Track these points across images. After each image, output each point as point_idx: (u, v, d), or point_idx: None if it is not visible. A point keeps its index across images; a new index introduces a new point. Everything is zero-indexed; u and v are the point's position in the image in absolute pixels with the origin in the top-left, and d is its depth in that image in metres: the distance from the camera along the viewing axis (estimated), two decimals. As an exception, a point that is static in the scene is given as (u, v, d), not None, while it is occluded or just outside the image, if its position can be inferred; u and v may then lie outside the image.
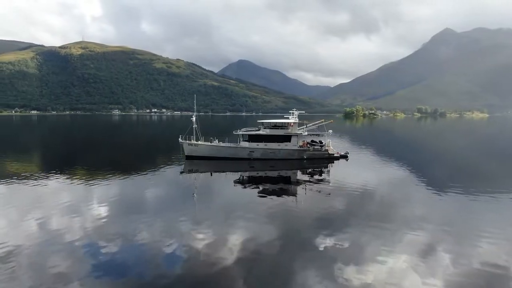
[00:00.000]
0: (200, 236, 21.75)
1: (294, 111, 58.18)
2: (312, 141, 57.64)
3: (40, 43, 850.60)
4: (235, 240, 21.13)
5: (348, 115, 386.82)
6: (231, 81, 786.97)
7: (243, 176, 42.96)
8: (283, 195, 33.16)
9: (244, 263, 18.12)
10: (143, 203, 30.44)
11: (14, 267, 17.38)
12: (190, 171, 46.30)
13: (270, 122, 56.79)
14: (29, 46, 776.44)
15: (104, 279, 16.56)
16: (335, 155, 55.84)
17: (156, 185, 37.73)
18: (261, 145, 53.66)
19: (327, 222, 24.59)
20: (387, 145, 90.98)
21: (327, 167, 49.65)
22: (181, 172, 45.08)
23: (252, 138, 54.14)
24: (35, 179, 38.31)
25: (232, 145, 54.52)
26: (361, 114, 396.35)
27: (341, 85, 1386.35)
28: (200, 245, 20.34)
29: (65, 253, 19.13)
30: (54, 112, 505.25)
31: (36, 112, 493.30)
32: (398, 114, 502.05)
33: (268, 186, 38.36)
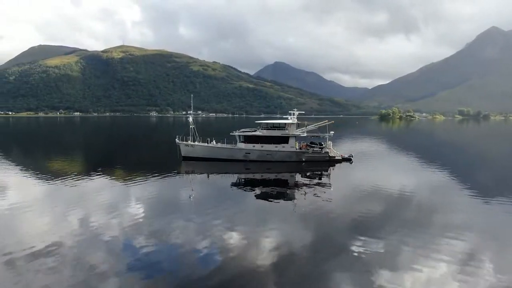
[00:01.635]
0: (233, 237, 21.73)
1: (294, 111, 55.60)
2: (311, 142, 54.83)
3: (84, 48, 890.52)
4: (265, 242, 20.95)
5: (384, 117, 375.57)
6: (266, 83, 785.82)
7: (239, 179, 41.90)
8: (280, 199, 32.21)
9: (276, 266, 17.89)
10: (178, 203, 30.83)
11: (56, 262, 18.07)
12: (187, 173, 45.86)
13: (267, 123, 54.50)
14: (74, 51, 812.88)
15: (139, 276, 16.89)
16: (336, 157, 52.58)
17: (183, 185, 38.39)
18: (258, 146, 51.59)
19: (355, 226, 23.67)
20: (414, 147, 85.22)
21: (327, 171, 47.28)
22: (177, 173, 44.46)
23: (248, 139, 52.11)
24: (78, 178, 39.72)
25: (228, 146, 52.93)
26: (397, 116, 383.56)
27: (379, 86, 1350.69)
28: (232, 246, 20.34)
29: (103, 250, 19.82)
30: (95, 114, 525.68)
31: (78, 113, 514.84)
32: (437, 116, 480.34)
33: (265, 189, 36.79)
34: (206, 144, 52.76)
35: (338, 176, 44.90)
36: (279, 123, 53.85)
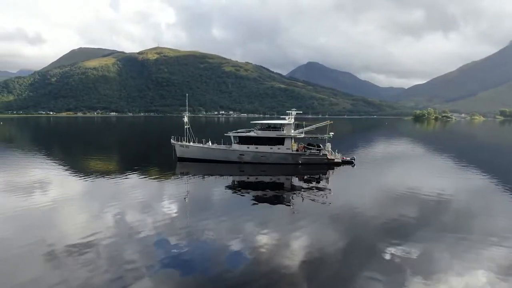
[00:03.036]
0: (264, 238, 21.75)
1: (292, 111, 52.49)
2: (309, 144, 51.17)
3: (121, 50, 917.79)
4: (293, 244, 20.88)
5: (418, 118, 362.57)
6: (299, 83, 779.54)
7: (234, 181, 40.05)
8: (276, 203, 30.67)
9: (307, 267, 17.78)
10: (209, 201, 31.22)
11: (93, 257, 18.76)
12: (182, 174, 44.05)
13: (262, 123, 51.60)
14: (111, 53, 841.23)
15: (171, 273, 17.25)
16: (335, 160, 49.21)
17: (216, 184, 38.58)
18: (252, 147, 49.18)
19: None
20: (441, 149, 78.55)
21: (326, 174, 44.63)
22: (173, 174, 43.26)
23: (243, 140, 49.73)
24: (114, 175, 41.69)
25: (222, 147, 50.86)
26: (433, 117, 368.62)
27: (415, 86, 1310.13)
28: (263, 246, 20.40)
29: (137, 246, 20.30)
30: (130, 114, 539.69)
31: (115, 113, 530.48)
32: (476, 117, 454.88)
33: (259, 193, 34.64)
34: (200, 145, 51.14)
35: (337, 180, 42.17)
36: (275, 124, 51.15)
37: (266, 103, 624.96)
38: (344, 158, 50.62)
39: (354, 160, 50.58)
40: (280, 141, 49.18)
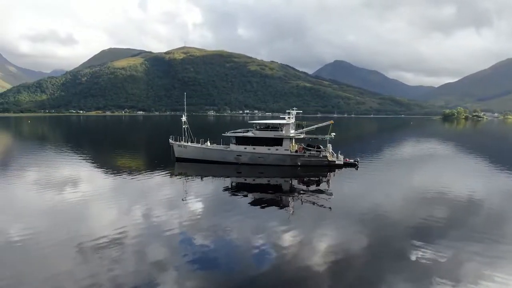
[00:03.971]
0: (289, 237, 21.89)
1: (291, 110, 50.59)
2: (308, 145, 49.10)
3: (149, 50, 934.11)
4: (311, 244, 20.91)
5: (447, 118, 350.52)
6: (325, 82, 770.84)
7: (232, 183, 39.43)
8: (274, 206, 29.85)
9: (331, 268, 17.78)
10: (235, 200, 31.56)
11: (120, 252, 19.46)
12: (180, 174, 43.65)
13: (260, 123, 49.80)
14: (139, 53, 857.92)
15: (196, 270, 17.63)
16: (337, 162, 46.97)
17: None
18: (249, 148, 47.57)
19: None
20: (462, 150, 75.06)
21: (326, 176, 42.79)
22: (171, 175, 42.64)
23: (240, 141, 48.17)
24: (141, 172, 43.29)
25: (219, 147, 49.63)
26: (463, 117, 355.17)
27: (446, 85, 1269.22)
28: (288, 246, 20.59)
29: (163, 243, 20.97)
30: (156, 113, 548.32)
31: (142, 112, 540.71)
32: (509, 117, 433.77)
33: (257, 196, 33.89)
34: (197, 145, 50.19)
35: (338, 183, 40.48)
36: (273, 124, 49.28)
37: (291, 102, 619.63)
38: (347, 160, 48.55)
39: (357, 162, 48.35)
40: (278, 141, 47.49)
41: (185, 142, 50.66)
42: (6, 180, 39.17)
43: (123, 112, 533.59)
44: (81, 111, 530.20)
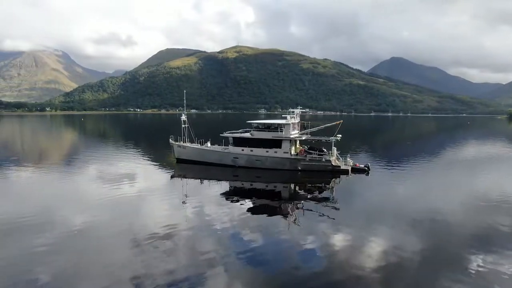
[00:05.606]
0: (338, 238, 21.90)
1: (295, 110, 46.34)
2: (310, 148, 44.11)
3: (203, 50, 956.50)
4: (366, 247, 20.56)
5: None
6: (379, 79, 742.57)
7: (230, 187, 37.72)
8: (272, 214, 28.04)
9: (383, 271, 17.48)
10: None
11: (172, 246, 20.49)
12: (180, 176, 42.46)
13: (259, 123, 45.90)
14: (194, 53, 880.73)
15: (244, 267, 18.20)
16: (343, 167, 41.84)
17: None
18: (247, 150, 43.94)
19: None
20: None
21: (329, 183, 38.60)
22: (172, 177, 41.61)
23: (237, 142, 44.67)
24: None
25: (217, 149, 46.51)
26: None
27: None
28: (336, 247, 20.64)
29: (213, 239, 21.74)
30: (209, 111, 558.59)
31: (195, 111, 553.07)
32: None
33: (253, 202, 31.85)
34: (197, 146, 47.61)
35: (343, 190, 36.66)
36: (272, 124, 45.18)
37: (344, 100, 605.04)
38: (357, 165, 43.71)
39: (368, 167, 43.24)
40: (277, 143, 43.55)
41: (184, 142, 48.78)
42: (70, 175, 42.76)
43: (177, 111, 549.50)
44: (138, 109, 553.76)
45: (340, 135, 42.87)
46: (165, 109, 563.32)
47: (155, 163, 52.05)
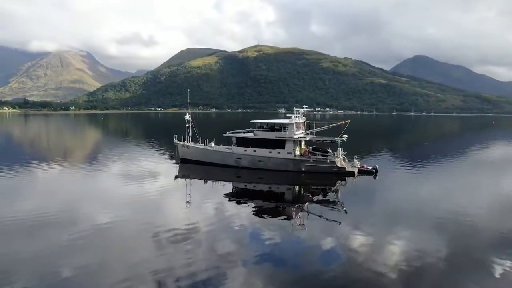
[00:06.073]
0: (358, 239, 21.73)
1: (299, 109, 45.14)
2: (314, 148, 42.36)
3: (224, 49, 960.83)
4: (390, 249, 20.40)
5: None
6: (401, 78, 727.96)
7: (233, 188, 37.11)
8: (275, 217, 27.13)
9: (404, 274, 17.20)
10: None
11: (193, 244, 20.79)
12: (183, 176, 42.25)
13: (262, 123, 44.87)
14: (214, 52, 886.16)
15: (263, 265, 18.39)
16: (348, 169, 40.12)
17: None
18: (249, 150, 42.75)
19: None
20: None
21: (334, 186, 37.39)
22: (176, 177, 41.56)
23: (240, 142, 43.55)
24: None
25: (220, 149, 45.53)
26: None
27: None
28: (357, 248, 20.40)
29: (232, 239, 21.92)
30: (228, 110, 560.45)
31: (214, 110, 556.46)
32: None
33: (256, 204, 31.02)
34: (200, 146, 46.87)
35: (349, 193, 35.41)
36: (275, 123, 43.94)
37: (365, 99, 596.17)
38: (365, 166, 42.13)
39: (376, 169, 41.52)
40: (280, 144, 42.26)
41: (187, 142, 48.22)
42: (93, 172, 44.54)
43: (197, 110, 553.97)
44: (159, 109, 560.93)
45: (346, 136, 41.45)
46: (185, 108, 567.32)
47: (172, 162, 52.28)
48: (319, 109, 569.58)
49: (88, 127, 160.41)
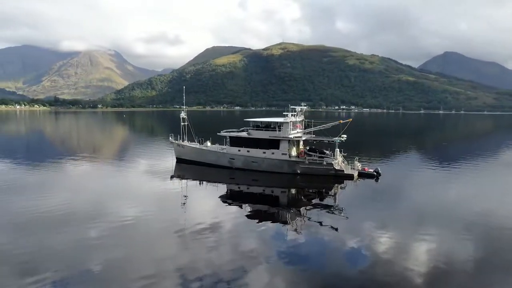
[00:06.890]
0: (384, 240, 21.51)
1: (298, 107, 42.68)
2: (310, 149, 39.44)
3: (248, 47, 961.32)
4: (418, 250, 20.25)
5: None
6: (430, 75, 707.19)
7: (227, 190, 35.93)
8: (268, 220, 26.02)
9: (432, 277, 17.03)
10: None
11: (215, 241, 21.18)
12: (179, 177, 41.29)
13: (256, 121, 42.88)
14: (239, 50, 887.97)
15: (284, 265, 18.38)
16: (347, 171, 37.63)
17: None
18: (243, 151, 40.68)
19: None
20: None
21: (331, 189, 35.56)
22: (171, 177, 40.34)
23: (234, 142, 41.53)
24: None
25: (214, 149, 43.69)
26: None
27: None
28: (381, 249, 20.33)
29: (255, 236, 22.23)
30: (252, 108, 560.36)
31: (239, 108, 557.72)
32: None
33: (250, 207, 30.12)
34: (195, 145, 45.42)
35: (348, 197, 33.56)
36: (269, 122, 41.81)
37: (392, 97, 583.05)
38: (366, 169, 39.61)
39: (378, 172, 38.90)
40: (274, 144, 39.99)
41: (182, 141, 47.25)
42: (120, 168, 46.21)
43: (222, 108, 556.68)
44: (183, 107, 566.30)
45: (345, 136, 39.04)
46: (210, 106, 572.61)
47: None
48: (344, 107, 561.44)
49: (117, 124, 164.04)
